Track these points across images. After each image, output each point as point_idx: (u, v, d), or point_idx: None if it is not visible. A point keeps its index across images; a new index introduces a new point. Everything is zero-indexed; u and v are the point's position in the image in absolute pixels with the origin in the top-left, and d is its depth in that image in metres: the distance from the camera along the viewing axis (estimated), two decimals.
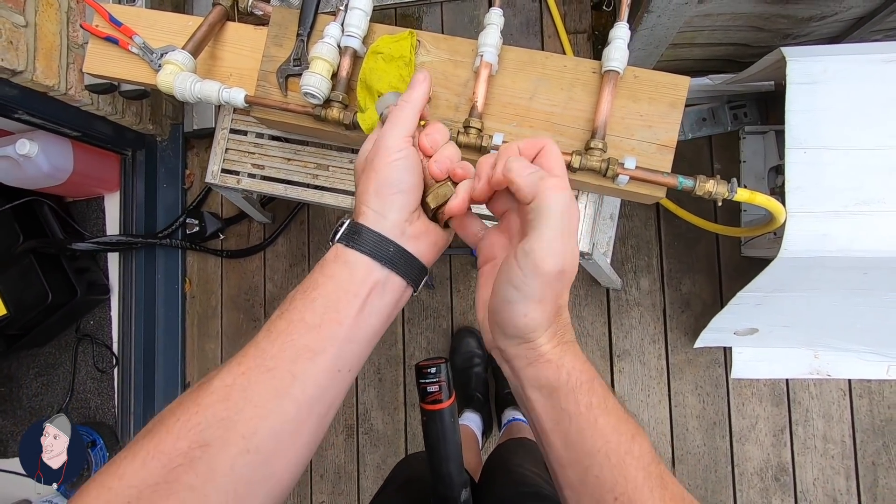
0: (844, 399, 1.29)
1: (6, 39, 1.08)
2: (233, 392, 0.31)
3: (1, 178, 1.36)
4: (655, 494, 0.31)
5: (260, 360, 0.32)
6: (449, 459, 0.54)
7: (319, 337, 0.33)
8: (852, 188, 0.85)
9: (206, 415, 0.30)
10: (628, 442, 0.32)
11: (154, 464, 0.29)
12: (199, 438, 0.29)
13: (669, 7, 0.99)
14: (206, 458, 0.29)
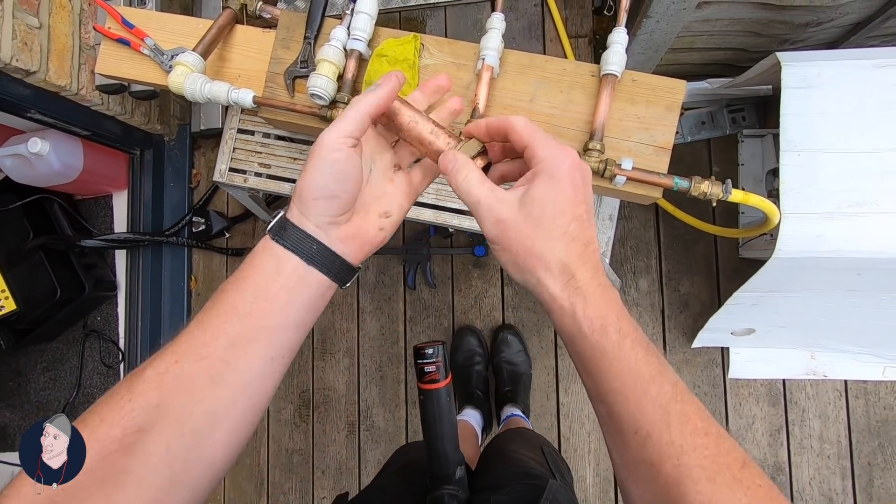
0: (840, 400, 1.31)
1: (21, 40, 1.11)
2: (166, 379, 0.32)
3: (13, 175, 1.39)
4: (674, 429, 0.31)
5: (193, 348, 0.33)
6: (444, 437, 0.56)
7: (251, 325, 0.34)
8: (846, 190, 0.87)
9: (139, 402, 0.31)
10: (645, 383, 0.33)
11: (90, 452, 0.30)
12: (133, 425, 0.30)
13: (668, 12, 1.01)
14: (141, 443, 0.30)
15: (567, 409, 1.41)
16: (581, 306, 0.34)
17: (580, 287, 0.34)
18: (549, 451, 0.80)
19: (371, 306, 1.54)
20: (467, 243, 1.49)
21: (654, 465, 0.31)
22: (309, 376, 1.55)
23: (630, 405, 0.33)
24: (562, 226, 0.35)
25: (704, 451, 0.31)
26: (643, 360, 0.33)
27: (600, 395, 0.35)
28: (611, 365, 0.33)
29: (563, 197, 0.35)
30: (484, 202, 0.36)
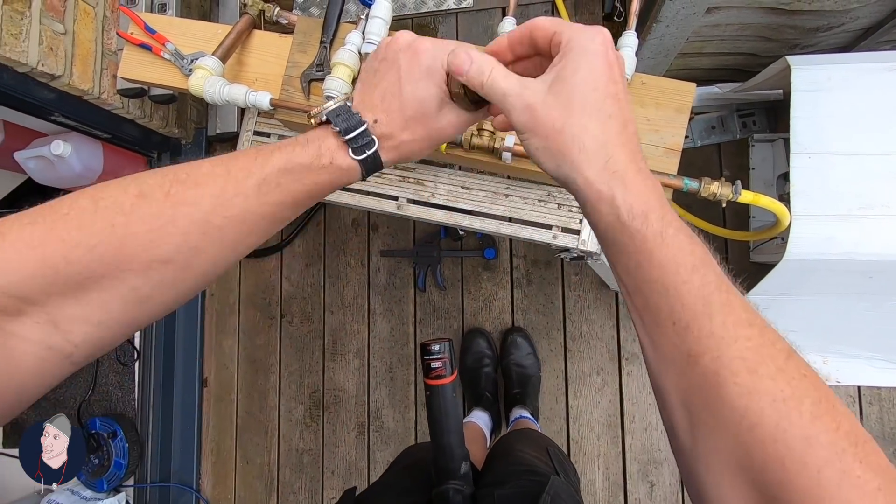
0: (854, 406, 1.29)
1: (47, 46, 1.14)
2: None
3: (36, 176, 1.43)
4: (716, 320, 0.29)
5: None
6: (450, 432, 0.57)
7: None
8: (857, 193, 0.87)
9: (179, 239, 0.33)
10: (687, 273, 0.31)
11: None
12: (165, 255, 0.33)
13: (678, 17, 1.02)
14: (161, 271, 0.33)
15: (576, 412, 1.41)
16: (620, 191, 0.31)
17: (619, 170, 0.32)
18: (554, 451, 0.81)
19: (381, 308, 1.55)
20: (477, 246, 1.50)
21: (691, 356, 0.30)
22: (319, 377, 1.57)
23: (670, 296, 0.31)
24: (596, 102, 0.32)
25: (747, 343, 0.29)
26: (687, 249, 0.31)
27: (637, 286, 0.32)
28: (651, 254, 0.31)
29: (596, 72, 0.32)
30: (511, 92, 0.33)
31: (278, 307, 1.62)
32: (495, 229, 0.96)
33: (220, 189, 0.34)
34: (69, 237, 0.30)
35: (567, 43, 0.33)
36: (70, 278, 0.29)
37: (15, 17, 1.07)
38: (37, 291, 0.29)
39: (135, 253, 0.31)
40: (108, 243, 0.30)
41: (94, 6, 1.28)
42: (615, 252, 0.33)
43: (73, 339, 0.30)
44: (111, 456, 1.46)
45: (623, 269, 0.33)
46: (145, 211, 0.32)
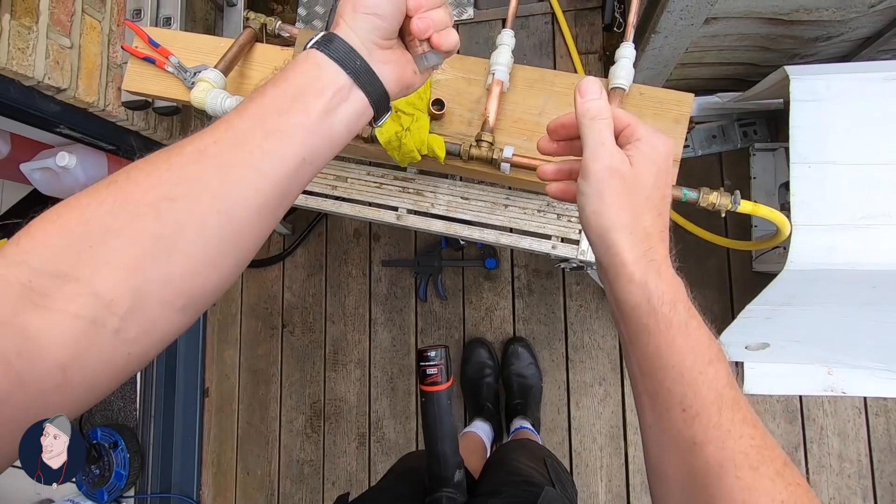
0: (860, 417, 1.28)
1: (53, 59, 1.16)
2: (205, 156, 0.31)
3: (41, 187, 1.44)
4: (724, 414, 0.32)
5: (232, 134, 0.33)
6: (444, 439, 0.57)
7: (289, 122, 0.34)
8: (857, 202, 0.86)
9: (176, 173, 0.30)
10: (704, 364, 0.33)
11: (120, 211, 0.29)
12: (168, 193, 0.30)
13: (676, 28, 1.03)
14: (174, 210, 0.29)
15: (578, 423, 1.40)
16: (654, 278, 0.34)
17: (656, 260, 0.35)
18: (552, 462, 0.80)
19: (383, 318, 1.55)
20: (478, 256, 1.50)
21: (696, 444, 0.31)
22: (320, 387, 1.57)
23: (684, 383, 0.33)
24: (655, 199, 0.36)
25: (751, 441, 0.31)
26: (706, 342, 0.34)
27: (652, 370, 0.34)
28: (674, 340, 0.33)
29: (662, 173, 0.37)
30: (608, 145, 0.36)
31: (280, 317, 1.62)
32: (495, 239, 0.96)
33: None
34: (79, 202, 0.29)
35: (641, 139, 0.37)
36: (92, 238, 0.28)
37: (22, 32, 1.09)
38: (67, 262, 0.28)
39: (139, 196, 0.30)
40: (114, 195, 0.29)
41: (101, 20, 1.30)
42: (636, 332, 0.35)
43: (118, 310, 0.28)
44: (112, 466, 1.45)
45: (642, 350, 0.35)
46: (144, 162, 0.32)
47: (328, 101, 0.35)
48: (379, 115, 0.40)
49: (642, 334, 0.35)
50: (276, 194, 0.34)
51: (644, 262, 0.35)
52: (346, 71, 0.36)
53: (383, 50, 0.38)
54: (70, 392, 0.28)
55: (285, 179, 0.34)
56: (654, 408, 0.35)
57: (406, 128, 0.84)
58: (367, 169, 1.05)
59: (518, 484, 0.67)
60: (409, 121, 0.84)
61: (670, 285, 0.35)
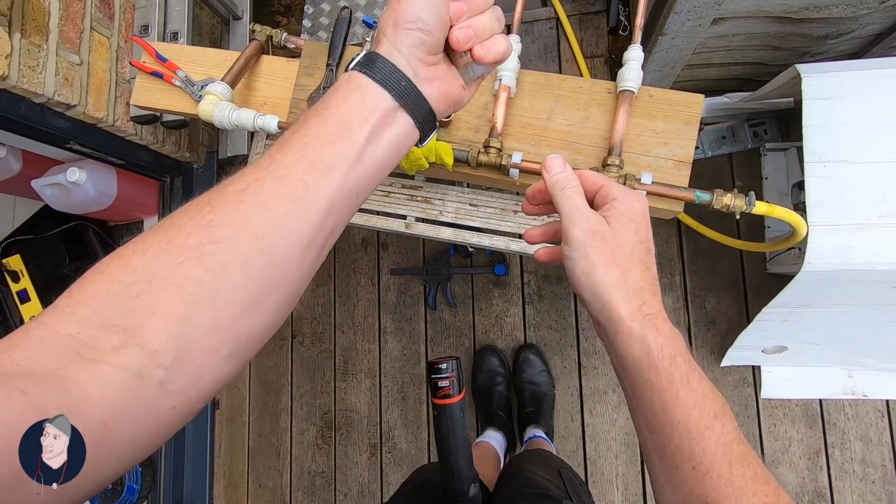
0: (883, 421, 1.25)
1: (63, 77, 1.18)
2: (246, 195, 0.31)
3: (52, 203, 1.46)
4: (735, 470, 0.32)
5: (273, 169, 0.32)
6: (458, 452, 0.56)
7: (332, 152, 0.33)
8: (874, 201, 0.85)
9: (218, 214, 0.30)
10: (709, 418, 0.33)
11: (165, 258, 0.28)
12: (211, 235, 0.29)
13: (683, 29, 1.02)
14: (217, 253, 0.29)
15: (593, 430, 1.38)
16: (652, 332, 0.35)
17: (651, 314, 0.36)
18: (567, 474, 0.78)
19: (392, 327, 1.54)
20: (487, 262, 1.49)
21: (709, 503, 0.31)
22: (331, 397, 1.56)
23: (692, 438, 0.33)
24: (640, 253, 0.37)
25: (764, 498, 0.31)
26: (709, 396, 0.34)
27: (658, 426, 0.34)
28: (678, 395, 0.34)
29: (641, 230, 0.38)
30: (583, 210, 0.38)
31: (289, 328, 1.62)
32: (504, 246, 0.96)
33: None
34: (126, 251, 0.29)
35: (616, 198, 0.38)
36: (138, 287, 0.28)
37: (32, 50, 1.11)
38: (114, 312, 0.27)
39: (181, 241, 0.29)
40: (158, 241, 0.29)
41: (109, 37, 1.32)
42: (639, 388, 0.35)
43: (163, 361, 0.27)
44: (124, 481, 1.45)
45: (647, 406, 0.35)
46: (187, 205, 0.32)
47: (372, 127, 0.34)
48: (425, 135, 0.38)
49: (646, 390, 0.35)
50: (321, 228, 0.33)
51: (640, 316, 0.35)
52: (391, 93, 0.34)
53: (429, 66, 0.36)
54: (111, 449, 0.27)
55: (330, 212, 0.33)
56: (664, 466, 0.34)
57: None
58: None
59: (534, 497, 0.65)
60: None
61: (669, 339, 0.35)
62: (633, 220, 0.38)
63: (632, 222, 0.37)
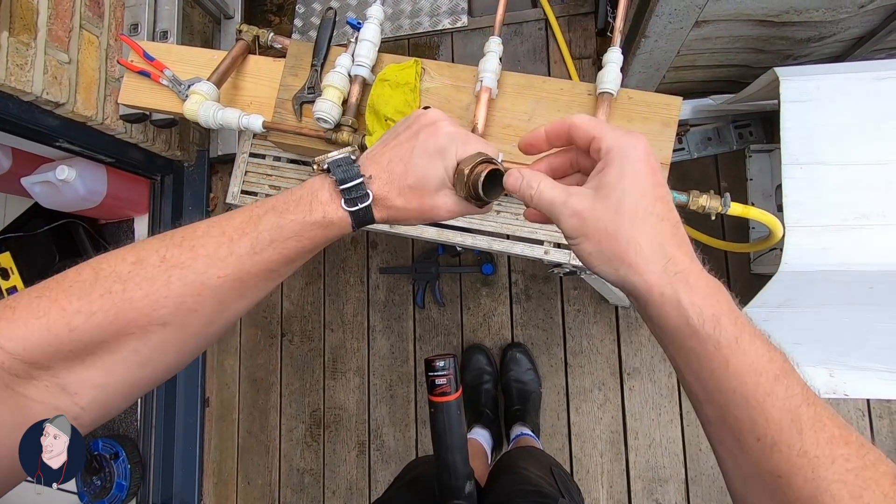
0: (863, 419, 1.26)
1: (51, 75, 1.18)
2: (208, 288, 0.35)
3: (41, 201, 1.46)
4: (807, 437, 0.27)
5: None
6: (454, 449, 0.57)
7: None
8: (851, 202, 0.86)
9: (174, 300, 0.34)
10: (769, 383, 0.28)
11: (109, 329, 0.32)
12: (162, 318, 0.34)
13: (665, 32, 1.03)
14: (163, 333, 0.34)
15: (578, 428, 1.39)
16: (686, 293, 0.30)
17: (681, 271, 0.30)
18: (558, 472, 0.79)
19: (381, 325, 1.55)
20: (475, 262, 1.50)
21: (781, 477, 0.27)
22: (320, 395, 1.57)
23: (752, 408, 0.28)
24: (647, 206, 0.32)
25: (846, 464, 0.27)
26: (766, 357, 0.29)
27: (711, 395, 0.30)
28: (727, 361, 0.29)
29: (642, 178, 0.32)
30: (557, 200, 0.34)
31: (279, 326, 1.63)
32: (487, 245, 0.96)
33: (213, 250, 0.35)
34: (70, 306, 0.31)
35: (609, 150, 0.33)
36: (74, 344, 0.31)
37: (20, 48, 1.11)
38: (44, 357, 0.31)
39: (133, 318, 0.32)
40: (106, 310, 0.32)
41: (98, 35, 1.32)
42: (684, 357, 0.31)
43: (80, 402, 0.32)
44: (113, 477, 1.46)
45: (694, 376, 0.31)
46: (141, 276, 0.33)
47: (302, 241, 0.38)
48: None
49: (691, 359, 0.30)
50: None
51: (668, 277, 0.30)
52: (354, 226, 0.39)
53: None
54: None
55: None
56: (722, 440, 0.31)
57: None
58: None
59: (529, 494, 0.66)
60: None
61: (707, 297, 0.30)
62: (630, 171, 0.32)
63: (628, 175, 0.32)
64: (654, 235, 0.31)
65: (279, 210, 0.37)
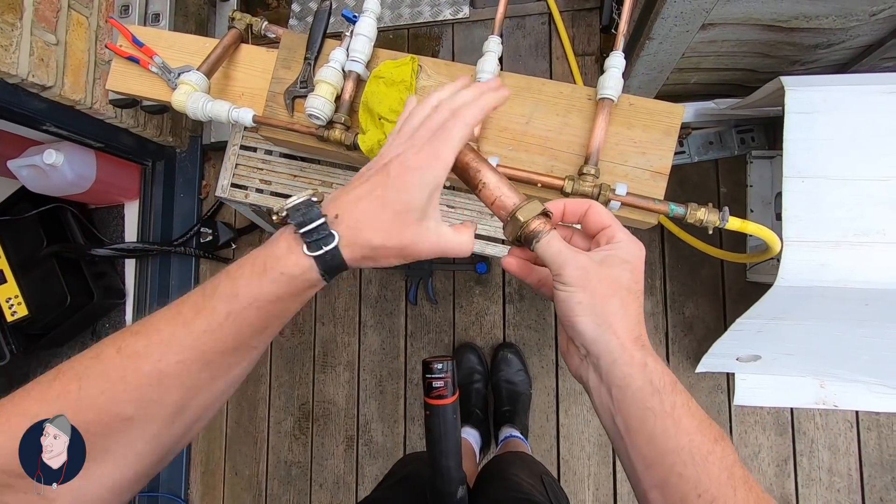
0: (851, 431, 1.26)
1: (38, 57, 1.14)
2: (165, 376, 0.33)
3: (28, 185, 1.43)
4: (739, 494, 0.31)
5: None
6: (449, 454, 0.56)
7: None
8: (851, 218, 0.84)
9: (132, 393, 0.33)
10: (711, 443, 0.33)
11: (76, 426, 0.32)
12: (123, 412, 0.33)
13: (671, 34, 1.00)
14: (129, 429, 0.32)
15: (567, 430, 1.39)
16: (652, 361, 0.35)
17: (645, 345, 0.36)
18: (548, 480, 0.79)
19: (372, 320, 1.54)
20: (469, 260, 1.48)
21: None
22: (309, 388, 1.56)
23: (696, 466, 0.32)
24: (636, 291, 0.37)
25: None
26: (707, 421, 0.34)
27: (660, 455, 0.33)
28: (680, 420, 0.33)
29: (638, 272, 0.38)
30: (566, 252, 0.37)
31: None
32: (480, 249, 0.95)
33: (168, 335, 0.33)
34: (30, 410, 0.31)
35: (620, 240, 0.38)
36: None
37: (5, 29, 1.08)
38: (17, 465, 0.30)
39: (93, 416, 0.31)
40: (66, 409, 0.31)
41: (88, 16, 1.28)
42: (640, 418, 0.34)
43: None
44: None
45: (647, 437, 0.34)
46: (97, 371, 0.32)
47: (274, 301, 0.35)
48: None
49: (647, 419, 0.34)
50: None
51: (638, 345, 0.35)
52: (325, 279, 0.36)
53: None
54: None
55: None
56: (669, 498, 0.33)
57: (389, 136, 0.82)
58: (352, 174, 1.04)
59: (520, 502, 0.66)
60: (393, 129, 0.82)
61: (663, 368, 0.35)
62: (629, 261, 0.37)
63: (627, 263, 0.37)
64: (634, 314, 0.36)
65: (232, 276, 0.34)
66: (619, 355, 0.35)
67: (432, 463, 0.58)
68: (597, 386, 0.37)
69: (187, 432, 0.35)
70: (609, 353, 0.35)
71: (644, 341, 0.36)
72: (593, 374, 0.37)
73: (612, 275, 0.36)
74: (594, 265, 0.36)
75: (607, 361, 0.35)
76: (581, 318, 0.36)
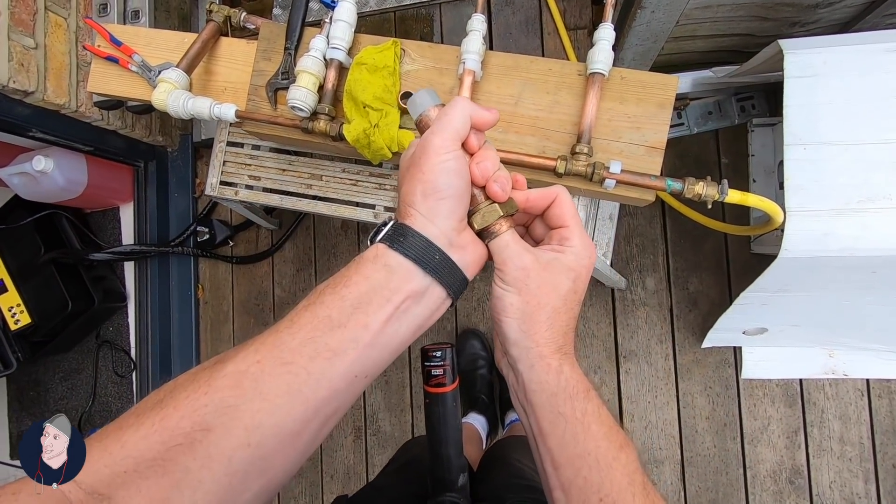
0: (862, 399, 1.25)
1: (17, 62, 1.12)
2: (245, 379, 0.30)
3: (21, 192, 1.42)
4: (637, 500, 0.34)
5: (277, 352, 0.31)
6: (448, 442, 0.56)
7: (343, 338, 0.32)
8: (855, 185, 0.82)
9: (214, 397, 0.30)
10: (616, 450, 0.35)
11: (155, 438, 0.29)
12: (203, 421, 0.29)
13: (663, 2, 0.96)
14: (206, 443, 0.29)
15: None
16: (568, 369, 0.36)
17: (568, 354, 0.37)
18: None
19: None
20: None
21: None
22: None
23: (601, 471, 0.34)
24: (572, 302, 0.37)
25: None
26: (615, 429, 0.36)
27: (570, 458, 0.35)
28: (589, 427, 0.35)
29: (581, 282, 0.38)
30: (514, 246, 0.37)
31: (272, 313, 1.61)
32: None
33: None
34: (125, 422, 0.30)
35: (573, 245, 0.37)
36: (126, 464, 0.29)
37: None
38: (103, 485, 0.29)
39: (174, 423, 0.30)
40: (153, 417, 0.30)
41: (66, 17, 1.26)
42: (552, 422, 0.36)
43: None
44: None
45: (557, 440, 0.35)
46: (186, 376, 0.32)
47: (395, 307, 0.33)
48: (458, 297, 0.38)
49: (558, 423, 0.35)
50: (315, 418, 0.32)
51: (559, 354, 0.36)
52: (425, 270, 0.34)
53: (460, 233, 0.36)
54: None
55: (330, 401, 0.32)
56: (572, 499, 0.35)
57: (375, 124, 0.80)
58: (342, 166, 1.02)
59: (522, 490, 0.66)
60: (378, 117, 0.80)
61: (580, 377, 0.36)
62: (574, 270, 0.37)
63: (571, 272, 0.37)
64: (565, 325, 0.37)
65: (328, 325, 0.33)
66: (537, 362, 0.36)
67: (432, 452, 0.58)
68: (514, 385, 0.38)
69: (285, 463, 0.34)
70: (527, 359, 0.36)
71: (567, 349, 0.37)
72: (511, 373, 0.38)
73: (553, 282, 0.36)
74: (537, 268, 0.36)
75: (525, 366, 0.36)
76: (508, 320, 0.36)
